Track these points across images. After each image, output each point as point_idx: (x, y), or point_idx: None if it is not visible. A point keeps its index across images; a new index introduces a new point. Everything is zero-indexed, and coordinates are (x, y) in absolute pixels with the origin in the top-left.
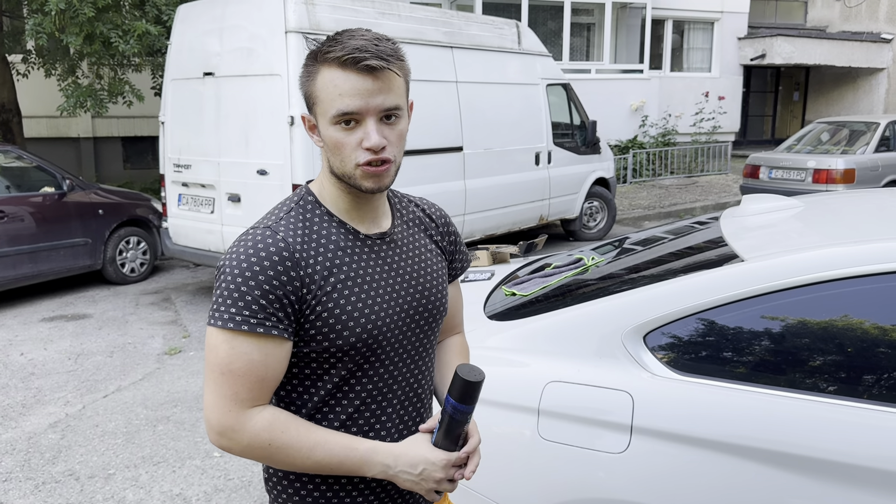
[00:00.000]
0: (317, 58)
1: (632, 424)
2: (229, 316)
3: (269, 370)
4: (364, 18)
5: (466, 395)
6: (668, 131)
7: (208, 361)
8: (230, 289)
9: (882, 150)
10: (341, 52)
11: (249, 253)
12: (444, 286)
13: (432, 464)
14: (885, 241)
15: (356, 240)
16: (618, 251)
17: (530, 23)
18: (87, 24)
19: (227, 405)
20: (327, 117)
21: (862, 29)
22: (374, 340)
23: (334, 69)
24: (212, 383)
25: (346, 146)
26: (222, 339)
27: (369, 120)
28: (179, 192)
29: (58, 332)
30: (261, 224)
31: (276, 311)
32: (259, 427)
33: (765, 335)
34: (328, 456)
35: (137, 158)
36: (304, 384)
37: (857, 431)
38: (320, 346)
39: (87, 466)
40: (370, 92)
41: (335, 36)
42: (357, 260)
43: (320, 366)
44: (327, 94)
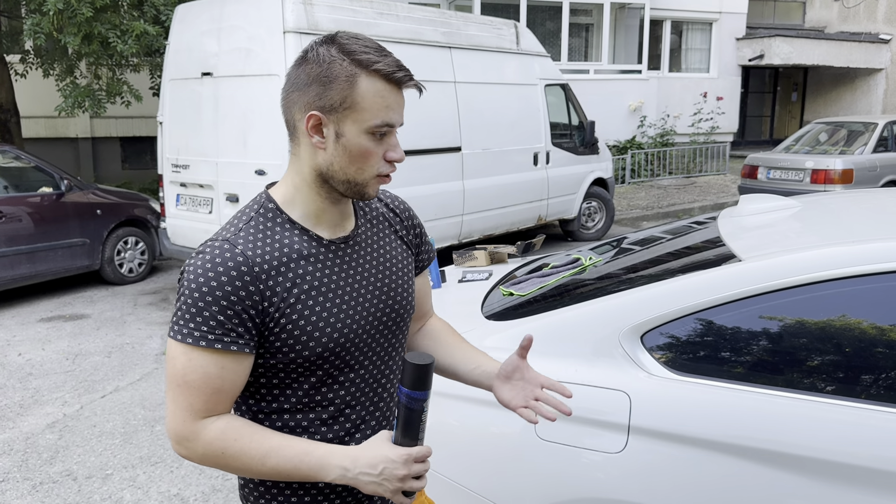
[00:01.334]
0: (356, 63)
1: (629, 424)
2: (188, 331)
3: (225, 383)
4: (362, 19)
5: (419, 380)
6: (667, 132)
7: (167, 372)
8: (188, 303)
9: (880, 151)
10: (390, 68)
11: (207, 267)
12: (411, 283)
13: (392, 461)
14: (883, 241)
15: (320, 246)
16: (615, 251)
17: (529, 23)
18: (85, 24)
19: (183, 415)
20: (364, 125)
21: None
22: (343, 349)
23: (379, 81)
24: (170, 393)
25: (374, 156)
26: (180, 351)
27: (395, 135)
28: (178, 193)
29: (56, 332)
30: (220, 236)
31: (236, 327)
32: (212, 436)
33: (762, 335)
34: (282, 462)
35: (136, 159)
36: (272, 393)
37: (855, 431)
38: (287, 357)
39: (84, 467)
40: (401, 108)
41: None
42: (321, 268)
43: (288, 376)
44: (373, 104)
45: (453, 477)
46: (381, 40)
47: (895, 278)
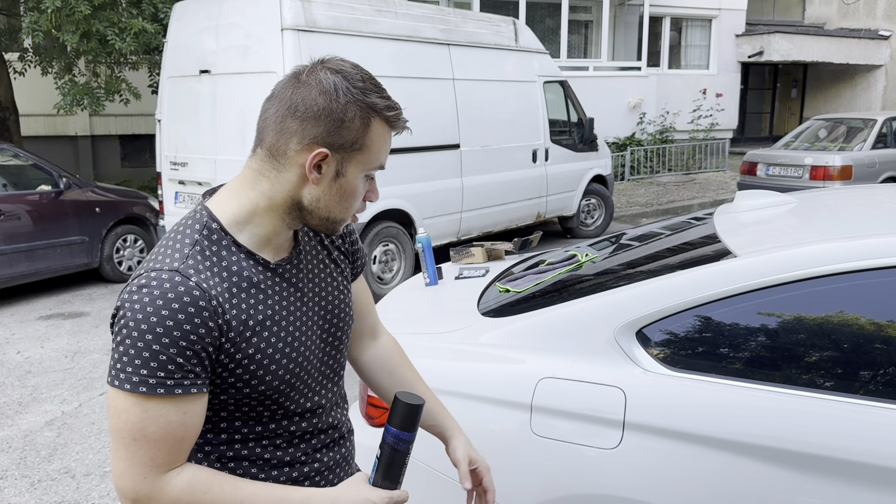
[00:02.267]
0: (374, 109)
1: (624, 420)
2: (140, 379)
3: (188, 429)
4: (360, 16)
5: (410, 420)
6: (666, 128)
7: (115, 427)
8: (139, 347)
9: (879, 147)
10: (395, 112)
11: (158, 304)
12: (348, 294)
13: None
14: (880, 237)
15: (266, 271)
16: (612, 247)
17: (528, 20)
18: (83, 21)
19: (141, 472)
20: (365, 167)
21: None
22: (296, 378)
23: (384, 125)
24: (122, 450)
25: (360, 196)
26: (132, 402)
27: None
28: (176, 190)
29: (54, 330)
30: (164, 266)
31: (194, 367)
32: (178, 491)
33: (757, 331)
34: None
35: (135, 156)
36: (219, 427)
37: (852, 427)
38: (240, 392)
39: (83, 464)
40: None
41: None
42: (271, 294)
43: (238, 408)
44: (378, 147)
45: (449, 473)
46: (380, 37)
47: (892, 273)
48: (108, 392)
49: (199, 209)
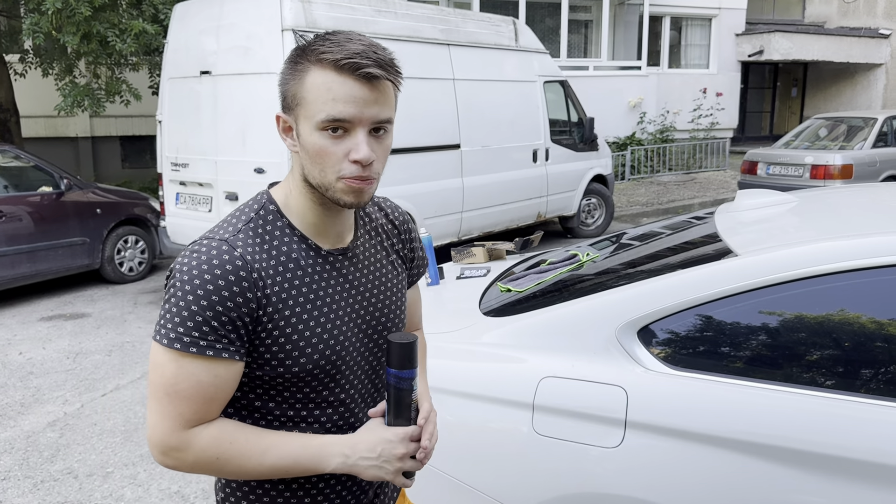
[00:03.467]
0: (308, 56)
1: (626, 419)
2: (176, 335)
3: (218, 391)
4: (361, 16)
5: (404, 358)
6: (666, 128)
7: (152, 379)
8: (180, 306)
9: (880, 146)
10: (340, 55)
11: (203, 269)
12: (402, 299)
13: (389, 441)
14: (881, 235)
15: (317, 256)
16: (613, 247)
17: (528, 20)
18: (83, 23)
19: (171, 425)
20: (313, 121)
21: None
22: (332, 366)
23: (329, 71)
24: (155, 402)
25: (331, 156)
26: (169, 358)
27: (360, 131)
28: (177, 191)
29: (56, 331)
30: (216, 235)
31: (229, 333)
32: (205, 443)
33: (758, 330)
34: (281, 458)
35: (136, 157)
36: (254, 405)
37: (854, 425)
38: (274, 371)
39: (85, 465)
40: (366, 101)
41: (329, 36)
42: (317, 279)
43: (273, 388)
44: (318, 97)
45: (451, 473)
46: (380, 38)
47: (893, 272)
48: (152, 346)
49: (263, 192)
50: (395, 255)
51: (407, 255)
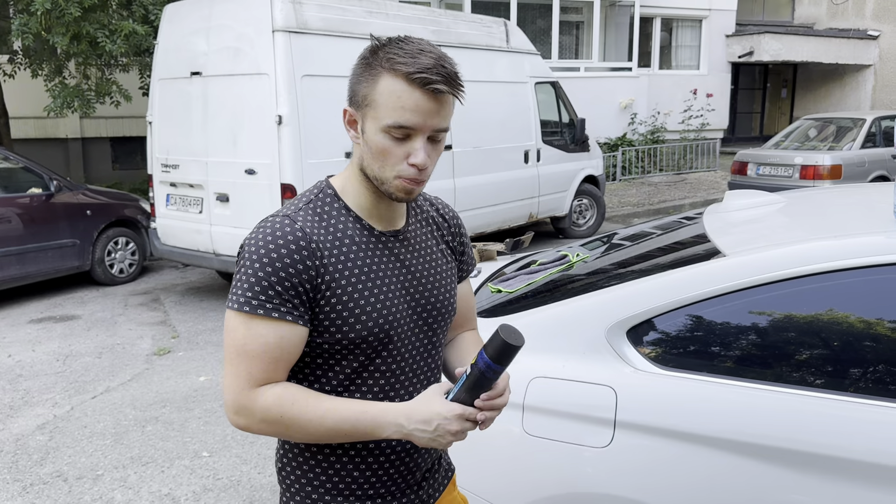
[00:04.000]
0: (381, 62)
1: (615, 419)
2: (245, 300)
3: (283, 352)
4: (352, 17)
5: (503, 356)
6: (657, 129)
7: (226, 344)
8: (248, 273)
9: (868, 146)
10: (413, 69)
11: (268, 240)
12: (452, 287)
13: (445, 418)
14: (868, 235)
15: (371, 236)
16: (603, 247)
17: (519, 21)
18: (73, 23)
19: (241, 384)
20: (380, 123)
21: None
22: (384, 334)
23: (400, 81)
24: (229, 365)
25: (392, 156)
26: (240, 321)
27: (420, 137)
28: (168, 193)
29: (46, 333)
30: (280, 213)
31: (292, 298)
32: (270, 401)
33: (747, 329)
34: (340, 421)
35: (126, 159)
36: (315, 374)
37: (842, 424)
38: (333, 337)
39: (75, 468)
40: (430, 112)
41: (402, 44)
42: (371, 255)
43: (332, 356)
44: (387, 103)
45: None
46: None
47: (881, 272)
48: (226, 315)
49: (322, 180)
50: (445, 245)
51: (456, 247)
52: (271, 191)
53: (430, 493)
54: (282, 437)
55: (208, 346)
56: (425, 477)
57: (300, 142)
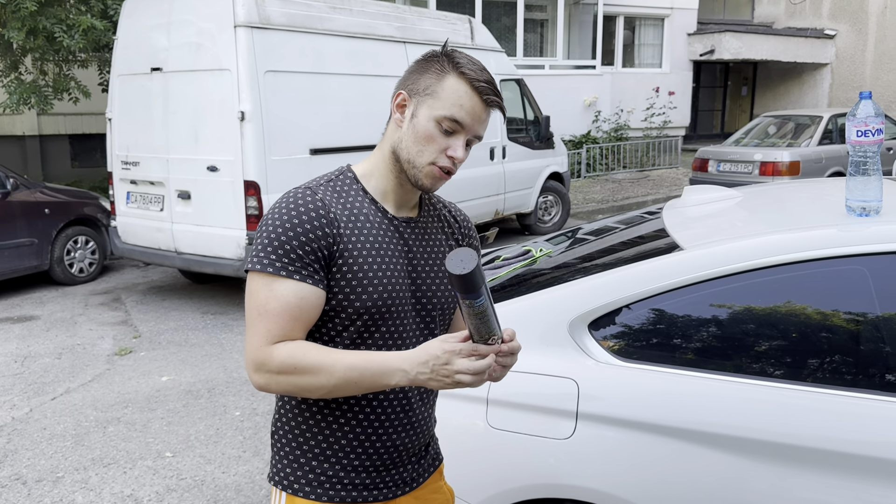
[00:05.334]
0: (452, 65)
1: (577, 411)
2: (269, 262)
3: (302, 313)
4: (315, 13)
5: (464, 285)
6: (621, 126)
7: (248, 306)
8: (271, 238)
9: (825, 143)
10: (479, 80)
11: (290, 207)
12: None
13: (436, 356)
14: (823, 228)
15: (384, 218)
16: (567, 242)
17: (484, 19)
18: (29, 18)
19: (259, 342)
20: (436, 113)
21: (806, 25)
22: (385, 306)
23: (465, 84)
24: (250, 326)
25: (434, 144)
26: (262, 283)
27: (463, 136)
28: (128, 190)
29: (3, 334)
30: (302, 186)
31: (312, 263)
32: (284, 354)
33: (706, 321)
34: (349, 368)
35: (85, 156)
36: (322, 342)
37: (800, 414)
38: (340, 304)
39: (34, 470)
40: (479, 119)
41: (470, 57)
42: (382, 235)
43: (339, 324)
44: (450, 98)
45: None
46: (335, 34)
47: (834, 264)
48: (248, 278)
49: (344, 165)
50: (455, 243)
51: (462, 242)
52: (234, 188)
53: (413, 476)
54: (298, 393)
55: (170, 346)
56: (411, 460)
57: (263, 138)
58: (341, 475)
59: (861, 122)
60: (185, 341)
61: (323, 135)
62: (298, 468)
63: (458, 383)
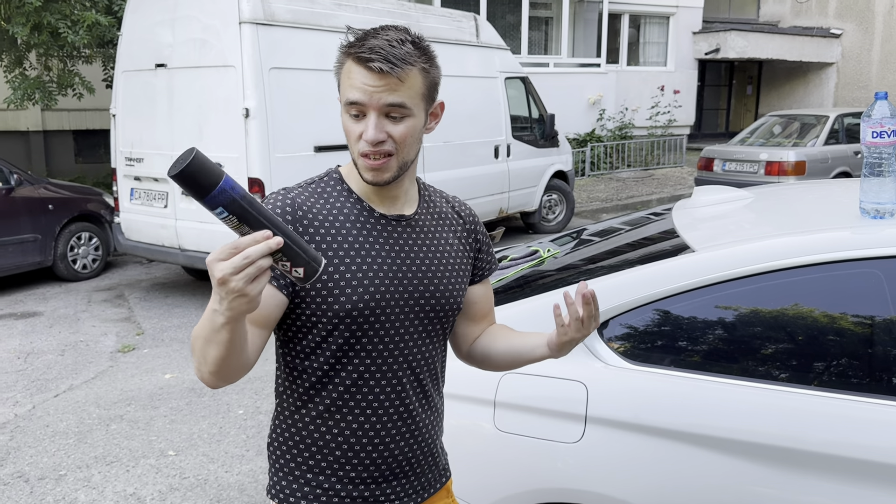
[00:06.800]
0: (344, 49)
1: (586, 414)
2: None
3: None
4: (320, 10)
5: (195, 186)
6: (625, 125)
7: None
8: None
9: (832, 143)
10: (357, 49)
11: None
12: (461, 283)
13: (211, 276)
14: (833, 231)
15: (370, 217)
16: (574, 243)
17: (489, 16)
18: (34, 13)
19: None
20: (342, 104)
21: (812, 24)
22: (369, 311)
23: (352, 62)
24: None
25: (352, 135)
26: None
27: (372, 114)
28: (132, 187)
29: (6, 330)
30: (282, 188)
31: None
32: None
33: (716, 324)
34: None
35: (89, 152)
36: (305, 352)
37: (808, 418)
38: (319, 308)
39: (37, 468)
40: (374, 88)
41: (368, 31)
42: (365, 235)
43: (321, 331)
44: (344, 83)
45: None
46: (340, 32)
47: (844, 267)
48: None
49: (333, 165)
50: (458, 241)
51: (472, 244)
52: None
53: (417, 490)
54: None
55: (174, 343)
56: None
57: (268, 135)
58: (338, 487)
59: (876, 122)
60: (189, 338)
61: (327, 132)
62: (294, 481)
63: (234, 291)
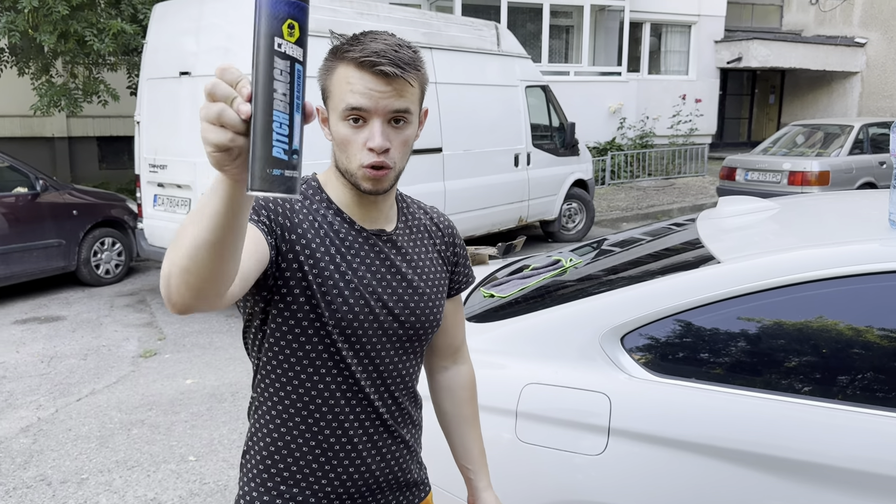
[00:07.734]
0: (336, 55)
1: (609, 426)
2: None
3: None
4: (343, 19)
5: None
6: (646, 133)
7: None
8: None
9: (856, 153)
10: (360, 53)
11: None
12: (439, 300)
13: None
14: (860, 243)
15: (351, 229)
16: (596, 252)
17: (509, 24)
18: (60, 22)
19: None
20: (338, 112)
21: (836, 33)
22: (350, 327)
23: (351, 67)
24: None
25: (353, 144)
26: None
27: (376, 120)
28: (155, 193)
29: (30, 334)
30: None
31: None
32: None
33: (741, 337)
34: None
35: (113, 158)
36: (280, 362)
37: (832, 433)
38: (294, 317)
39: (59, 471)
40: (381, 94)
41: (359, 36)
42: (348, 247)
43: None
44: (340, 90)
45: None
46: None
47: (872, 280)
48: None
49: (310, 173)
50: (437, 255)
51: (449, 257)
52: None
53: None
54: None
55: (195, 349)
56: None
57: None
58: (311, 501)
59: None
60: (210, 344)
61: None
62: (266, 493)
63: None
